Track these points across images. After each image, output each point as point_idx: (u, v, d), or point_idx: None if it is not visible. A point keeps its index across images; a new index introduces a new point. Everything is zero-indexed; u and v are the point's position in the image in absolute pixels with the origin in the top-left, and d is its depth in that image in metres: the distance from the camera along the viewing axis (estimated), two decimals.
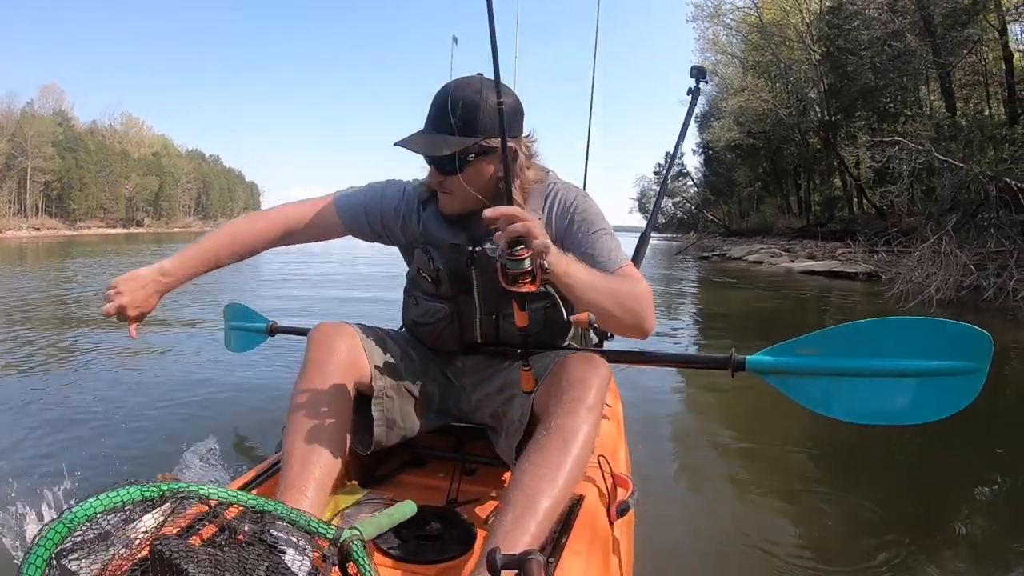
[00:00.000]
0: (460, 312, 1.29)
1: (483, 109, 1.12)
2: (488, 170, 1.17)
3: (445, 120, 1.13)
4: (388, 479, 1.33)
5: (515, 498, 0.92)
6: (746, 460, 2.54)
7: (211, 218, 77.74)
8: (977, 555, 1.78)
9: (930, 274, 8.68)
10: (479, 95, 1.12)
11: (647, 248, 2.09)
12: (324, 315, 6.10)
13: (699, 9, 24.87)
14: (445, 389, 1.33)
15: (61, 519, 0.73)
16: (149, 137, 72.89)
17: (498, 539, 0.87)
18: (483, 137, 1.13)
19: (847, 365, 1.22)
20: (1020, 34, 15.14)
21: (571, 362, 1.08)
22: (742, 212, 37.89)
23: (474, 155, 1.14)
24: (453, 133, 1.13)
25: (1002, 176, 9.10)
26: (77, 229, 53.11)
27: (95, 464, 2.30)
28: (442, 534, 1.07)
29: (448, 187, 1.19)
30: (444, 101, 1.13)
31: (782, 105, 22.96)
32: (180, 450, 2.34)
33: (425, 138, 1.16)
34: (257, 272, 11.14)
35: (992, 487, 2.31)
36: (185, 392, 3.26)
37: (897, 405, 1.18)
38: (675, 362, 1.68)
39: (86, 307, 6.58)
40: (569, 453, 0.96)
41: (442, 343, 1.34)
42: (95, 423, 2.76)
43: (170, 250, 8.98)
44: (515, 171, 1.16)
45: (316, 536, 0.83)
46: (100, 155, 59.06)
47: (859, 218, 20.42)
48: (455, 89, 1.14)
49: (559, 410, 1.01)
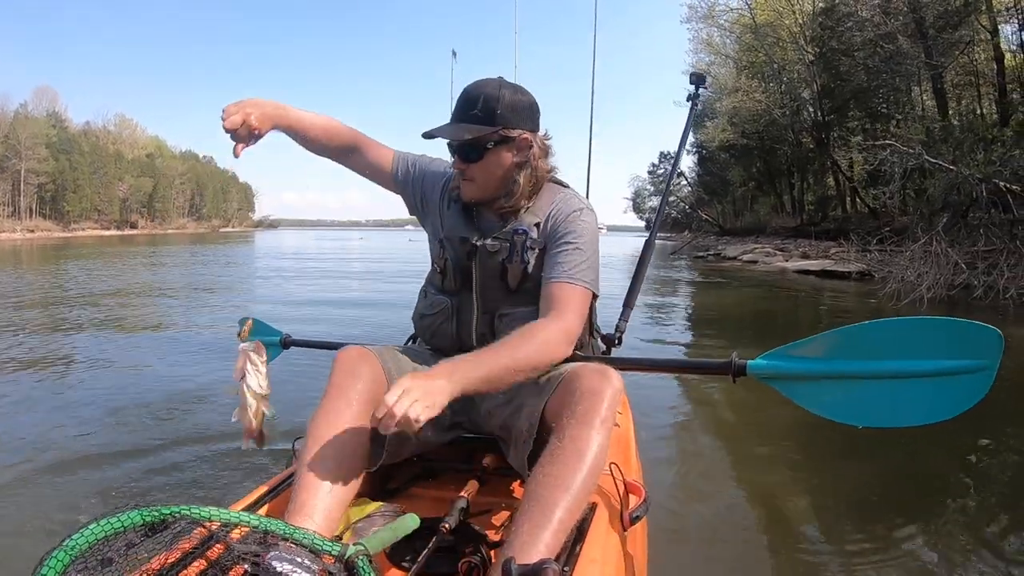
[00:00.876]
0: (460, 308, 1.33)
1: (502, 103, 1.23)
2: (507, 159, 1.26)
3: (468, 112, 1.24)
4: (400, 492, 1.33)
5: (530, 509, 0.93)
6: (755, 464, 2.54)
7: (205, 219, 77.40)
8: (989, 553, 1.80)
9: (922, 273, 8.83)
10: (498, 91, 1.24)
11: (652, 253, 2.08)
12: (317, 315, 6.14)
13: (693, 10, 25.04)
14: (456, 401, 1.34)
15: (62, 547, 0.73)
16: (143, 138, 72.55)
17: (514, 550, 0.88)
18: (502, 127, 1.23)
19: (851, 368, 1.21)
20: (1011, 34, 15.24)
21: (584, 373, 1.09)
22: (736, 211, 38.05)
23: (493, 143, 1.24)
24: (475, 123, 1.23)
25: (991, 178, 9.26)
26: (71, 231, 52.89)
27: (94, 482, 2.27)
28: (455, 546, 1.06)
29: (470, 174, 1.27)
30: (467, 96, 1.25)
31: (776, 105, 23.07)
32: (179, 468, 2.34)
33: (451, 127, 1.26)
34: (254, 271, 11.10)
35: (989, 482, 2.33)
36: (187, 404, 3.22)
37: (906, 407, 1.16)
38: (677, 368, 1.68)
39: (93, 308, 6.57)
40: (584, 464, 0.97)
41: (439, 339, 1.37)
42: (94, 437, 2.72)
43: (165, 252, 9.06)
44: (529, 160, 1.27)
45: (321, 554, 0.84)
46: (94, 157, 58.76)
47: (852, 217, 20.52)
48: (477, 87, 1.26)
49: (573, 421, 1.02)
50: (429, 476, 1.39)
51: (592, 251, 1.27)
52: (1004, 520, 2.03)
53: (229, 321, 5.94)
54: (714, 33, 26.46)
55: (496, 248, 1.27)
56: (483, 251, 1.28)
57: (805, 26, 21.01)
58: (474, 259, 1.29)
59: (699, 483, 2.34)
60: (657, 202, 44.56)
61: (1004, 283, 8.19)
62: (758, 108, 23.07)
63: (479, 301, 1.31)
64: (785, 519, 2.00)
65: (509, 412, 1.23)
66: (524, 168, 1.27)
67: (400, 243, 35.82)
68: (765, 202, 33.31)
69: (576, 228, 1.27)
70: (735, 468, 2.48)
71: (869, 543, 1.85)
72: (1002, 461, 2.55)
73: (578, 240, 1.26)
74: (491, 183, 1.27)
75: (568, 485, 0.95)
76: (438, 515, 1.09)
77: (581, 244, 1.26)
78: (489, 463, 1.30)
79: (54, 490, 2.20)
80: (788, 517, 2.02)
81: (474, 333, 1.32)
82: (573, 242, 1.25)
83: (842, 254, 13.75)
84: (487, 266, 1.29)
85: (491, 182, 1.27)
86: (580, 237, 1.26)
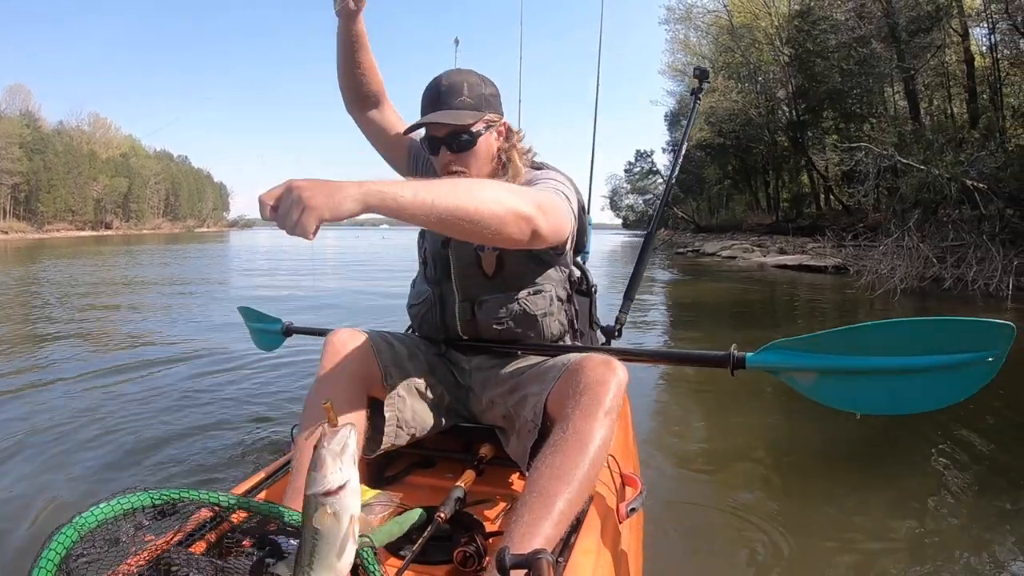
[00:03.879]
0: (442, 296, 1.33)
1: (484, 88, 1.24)
2: (493, 145, 1.26)
3: (455, 97, 1.20)
4: (397, 480, 1.34)
5: (531, 500, 0.93)
6: (752, 457, 2.55)
7: (180, 219, 76.02)
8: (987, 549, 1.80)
9: (895, 266, 9.20)
10: (478, 79, 1.24)
11: (652, 246, 2.09)
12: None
13: (671, 12, 25.31)
14: (453, 390, 1.34)
15: (72, 523, 0.73)
16: (117, 138, 70.87)
17: (513, 539, 0.88)
18: (488, 112, 1.23)
19: (853, 364, 1.18)
20: (981, 37, 15.64)
21: (589, 364, 1.08)
22: (711, 209, 38.46)
23: (484, 129, 1.23)
24: (466, 108, 1.20)
25: (959, 177, 9.67)
26: (46, 232, 51.45)
27: (98, 467, 2.28)
28: (451, 535, 1.07)
29: (462, 164, 1.23)
30: (448, 84, 1.22)
31: (752, 105, 23.36)
32: (183, 453, 2.34)
33: (441, 116, 1.19)
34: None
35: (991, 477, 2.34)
36: (188, 394, 3.22)
37: (907, 394, 1.14)
38: (676, 360, 1.68)
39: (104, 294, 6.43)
40: (586, 456, 0.96)
41: (427, 328, 1.38)
42: (99, 425, 2.71)
43: (140, 251, 8.85)
44: (513, 144, 1.27)
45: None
46: (68, 156, 57.18)
47: (827, 214, 20.88)
48: (454, 75, 1.24)
49: (577, 412, 1.00)
50: (426, 465, 1.40)
51: (559, 188, 1.16)
52: (1004, 518, 2.02)
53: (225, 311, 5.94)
54: (691, 34, 26.75)
55: None
56: (456, 239, 1.25)
57: (781, 28, 21.30)
58: (449, 248, 1.28)
59: (696, 476, 2.35)
60: (633, 200, 45.18)
61: (972, 275, 8.56)
62: (735, 108, 23.34)
63: (458, 289, 1.30)
64: (781, 512, 2.00)
65: (513, 402, 1.23)
66: (510, 151, 1.27)
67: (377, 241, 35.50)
68: (740, 199, 33.73)
69: (545, 176, 1.22)
70: (732, 461, 2.49)
71: (865, 535, 1.85)
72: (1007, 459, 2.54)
73: (547, 179, 1.19)
74: (483, 172, 1.25)
75: (570, 477, 0.94)
76: (435, 504, 1.11)
77: (550, 181, 1.17)
78: (486, 453, 1.31)
79: (59, 473, 2.21)
80: (784, 510, 2.02)
81: (458, 321, 1.31)
82: (542, 180, 1.19)
83: (818, 249, 14.04)
84: (461, 254, 1.27)
85: (483, 171, 1.25)
86: (549, 179, 1.19)
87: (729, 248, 19.68)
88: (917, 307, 7.62)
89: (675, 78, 29.95)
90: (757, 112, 23.38)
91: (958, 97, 17.38)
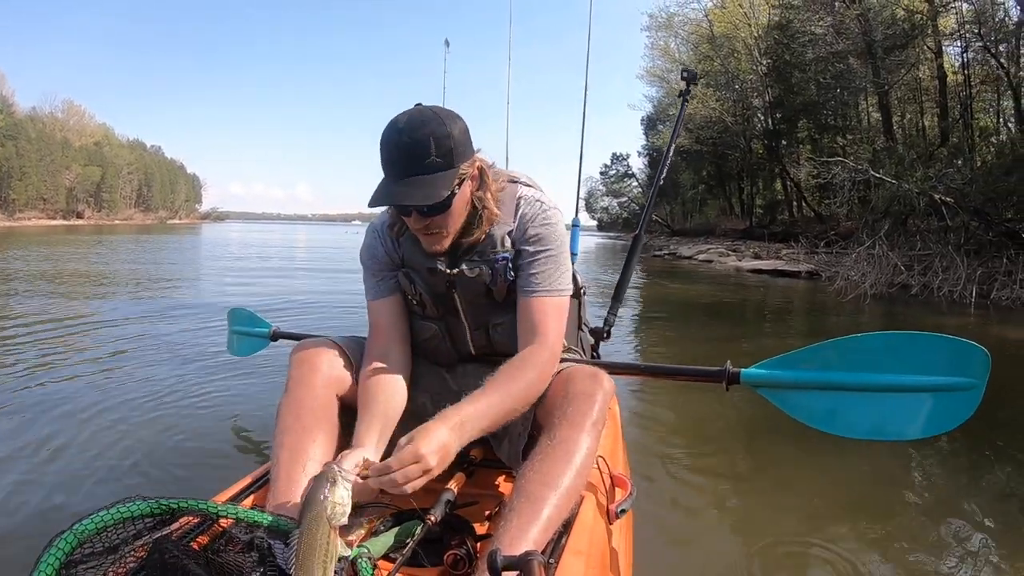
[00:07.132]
0: (450, 329, 1.31)
1: (453, 137, 1.07)
2: (467, 194, 1.14)
3: (422, 160, 1.05)
4: None
5: (519, 505, 0.95)
6: (741, 460, 2.58)
7: (152, 210, 74.29)
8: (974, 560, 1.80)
9: (865, 273, 9.68)
10: (444, 126, 1.06)
11: (639, 248, 2.12)
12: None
13: (653, 19, 25.62)
14: (441, 397, 1.35)
15: (71, 530, 0.73)
16: (91, 126, 68.95)
17: (503, 543, 0.90)
18: (461, 165, 1.09)
19: (843, 379, 1.21)
20: (955, 55, 16.13)
21: (576, 375, 1.11)
22: (685, 213, 38.97)
23: (459, 185, 1.10)
24: (437, 170, 1.06)
25: (928, 192, 10.13)
26: (16, 220, 49.79)
27: (83, 475, 2.20)
28: (442, 537, 1.07)
29: (437, 226, 1.13)
30: (411, 141, 1.05)
31: (728, 113, 23.70)
32: (171, 460, 2.29)
33: (411, 187, 1.06)
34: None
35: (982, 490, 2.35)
36: (173, 400, 3.10)
37: (895, 421, 1.18)
38: (670, 374, 1.69)
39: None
40: (572, 464, 1.00)
41: (438, 357, 1.36)
42: (83, 432, 2.61)
43: (110, 240, 8.59)
44: (485, 182, 1.16)
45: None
46: (41, 143, 55.34)
47: (799, 221, 21.32)
48: (417, 127, 1.05)
49: (564, 422, 1.04)
50: None
51: (564, 252, 1.23)
52: (999, 526, 2.02)
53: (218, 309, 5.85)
54: (671, 41, 27.07)
55: (476, 273, 1.20)
56: (462, 277, 1.21)
57: (760, 39, 21.67)
58: (455, 289, 1.24)
59: (685, 477, 2.36)
60: (608, 203, 45.50)
61: (938, 283, 9.04)
62: (712, 115, 23.66)
63: (468, 319, 1.29)
64: (770, 515, 2.03)
65: None
66: (484, 191, 1.16)
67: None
68: (714, 204, 34.24)
69: (546, 234, 1.21)
70: (721, 464, 2.51)
71: (854, 539, 1.87)
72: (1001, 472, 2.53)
73: (550, 245, 1.21)
74: (460, 225, 1.16)
75: (557, 484, 0.98)
76: (425, 506, 1.10)
77: (553, 249, 1.21)
78: (476, 455, 1.31)
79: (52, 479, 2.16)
80: (773, 513, 2.04)
81: (471, 346, 1.32)
82: (545, 249, 1.20)
83: (792, 255, 14.41)
84: (468, 292, 1.24)
85: (459, 224, 1.16)
86: (552, 242, 1.21)
87: (705, 252, 19.94)
88: (885, 311, 7.87)
89: (653, 83, 30.36)
90: (734, 120, 23.75)
91: (930, 111, 17.88)
